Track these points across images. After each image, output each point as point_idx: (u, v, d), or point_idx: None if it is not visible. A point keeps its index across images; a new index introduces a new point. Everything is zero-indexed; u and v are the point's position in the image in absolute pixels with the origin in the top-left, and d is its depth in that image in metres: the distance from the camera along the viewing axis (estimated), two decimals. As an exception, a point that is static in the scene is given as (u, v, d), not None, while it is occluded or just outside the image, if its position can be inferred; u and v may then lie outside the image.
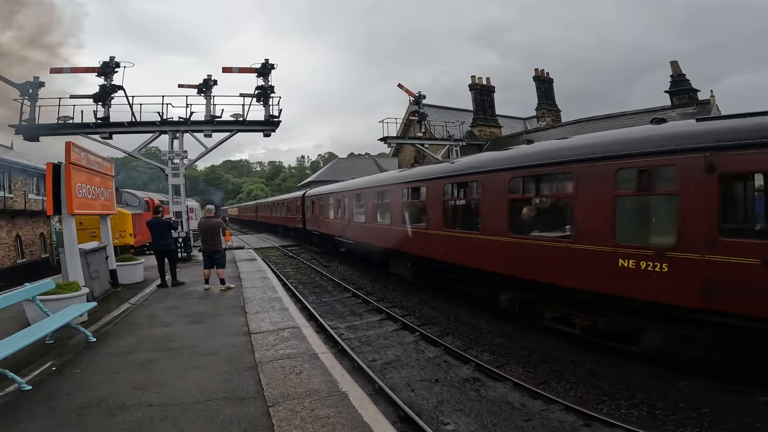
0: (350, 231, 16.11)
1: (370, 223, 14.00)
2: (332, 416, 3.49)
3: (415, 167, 13.93)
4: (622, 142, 6.19)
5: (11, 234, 22.54)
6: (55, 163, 7.71)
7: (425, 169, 11.50)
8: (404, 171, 13.28)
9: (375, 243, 13.62)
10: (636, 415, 5.15)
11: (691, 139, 5.39)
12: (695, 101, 15.85)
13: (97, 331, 6.32)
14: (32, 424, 3.47)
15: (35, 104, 14.69)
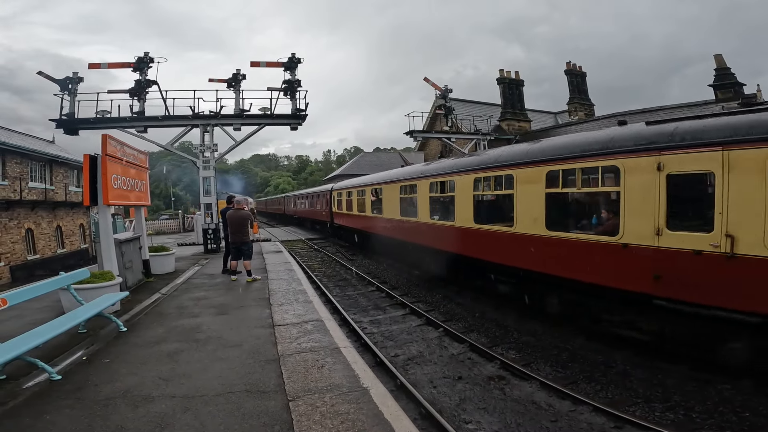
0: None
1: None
2: (352, 412, 3.45)
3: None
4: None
5: (52, 225, 23.63)
6: (92, 154, 7.97)
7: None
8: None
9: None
10: (671, 418, 4.93)
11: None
12: (741, 95, 15.04)
13: (128, 321, 6.50)
14: (58, 414, 3.56)
15: (74, 99, 15.27)
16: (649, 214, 5.89)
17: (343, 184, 22.54)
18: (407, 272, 13.89)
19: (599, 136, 7.13)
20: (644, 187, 6.00)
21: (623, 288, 6.30)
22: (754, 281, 4.94)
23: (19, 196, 20.64)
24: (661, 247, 5.75)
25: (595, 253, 6.68)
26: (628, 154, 6.26)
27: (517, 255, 8.22)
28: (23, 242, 21.00)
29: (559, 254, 7.31)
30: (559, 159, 7.40)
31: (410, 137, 22.60)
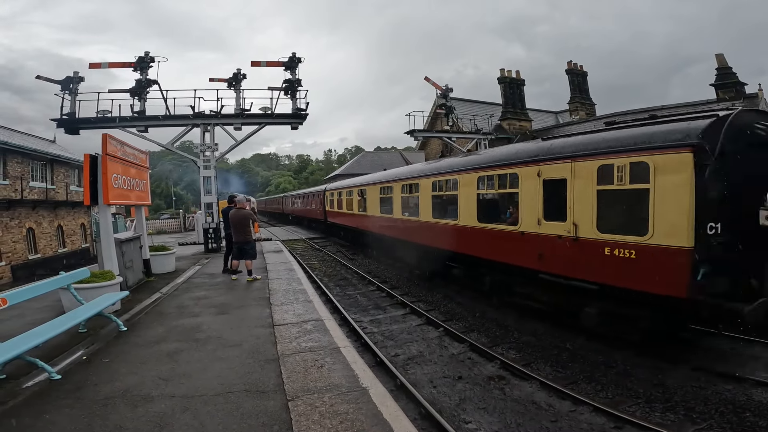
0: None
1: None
2: (351, 412, 3.45)
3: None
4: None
5: (53, 224, 23.67)
6: (93, 154, 7.98)
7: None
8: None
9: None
10: (672, 418, 4.92)
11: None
12: (742, 94, 15.03)
13: (128, 321, 6.51)
14: (58, 414, 3.56)
15: (75, 99, 15.28)
16: (534, 209, 7.73)
17: (334, 185, 24.71)
18: (408, 272, 13.90)
19: (509, 150, 9.33)
20: (531, 189, 7.82)
21: (523, 266, 8.11)
22: (590, 257, 6.67)
23: (20, 196, 20.67)
24: (541, 234, 7.59)
25: (506, 239, 8.53)
26: (523, 165, 8.13)
27: (462, 244, 10.17)
28: (24, 241, 21.03)
29: (486, 241, 9.19)
30: (485, 167, 9.35)
31: (411, 136, 22.59)
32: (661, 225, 5.77)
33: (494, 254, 8.95)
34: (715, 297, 5.47)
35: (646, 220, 5.92)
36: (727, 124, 5.61)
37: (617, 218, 6.42)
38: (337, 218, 22.30)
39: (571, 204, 6.94)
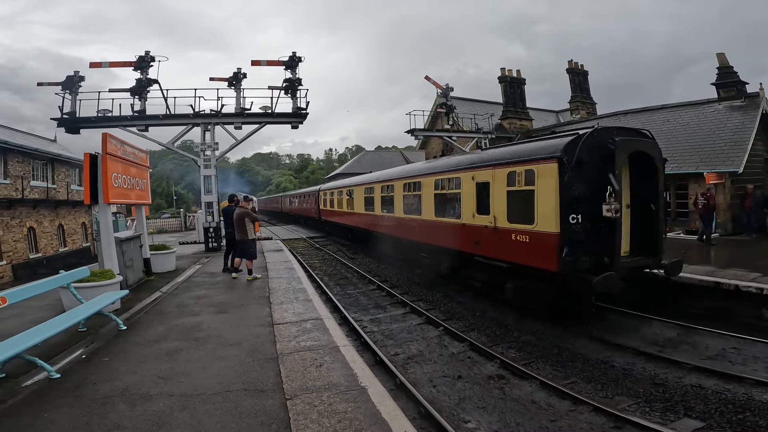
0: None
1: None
2: (350, 411, 3.44)
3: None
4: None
5: (54, 223, 23.68)
6: (92, 153, 7.97)
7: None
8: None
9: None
10: (672, 418, 4.90)
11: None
12: (743, 94, 15.00)
13: (128, 320, 6.51)
14: (56, 412, 3.56)
15: (76, 98, 15.30)
16: (471, 206, 9.68)
17: (327, 185, 27.35)
18: (408, 271, 13.90)
19: (456, 158, 11.65)
20: (469, 190, 9.76)
21: (466, 251, 9.93)
22: (504, 242, 8.56)
23: (21, 195, 20.68)
24: (475, 225, 9.47)
25: (454, 230, 10.38)
26: (464, 170, 10.10)
27: (425, 235, 12.06)
28: (25, 241, 21.04)
29: (442, 232, 11.02)
30: (440, 172, 11.49)
31: (411, 136, 22.56)
32: (541, 216, 7.66)
33: (448, 243, 10.70)
34: (575, 270, 7.24)
35: (533, 213, 7.84)
36: (582, 141, 7.34)
37: (518, 211, 8.34)
38: (329, 216, 24.05)
39: (492, 201, 8.95)
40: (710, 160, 13.83)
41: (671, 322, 7.95)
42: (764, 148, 15.00)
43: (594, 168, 7.28)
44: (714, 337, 7.30)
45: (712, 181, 13.34)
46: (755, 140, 13.77)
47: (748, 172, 13.54)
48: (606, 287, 6.92)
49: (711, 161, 13.78)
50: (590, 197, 7.27)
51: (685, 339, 7.32)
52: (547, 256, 7.50)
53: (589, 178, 7.27)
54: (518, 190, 8.29)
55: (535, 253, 7.77)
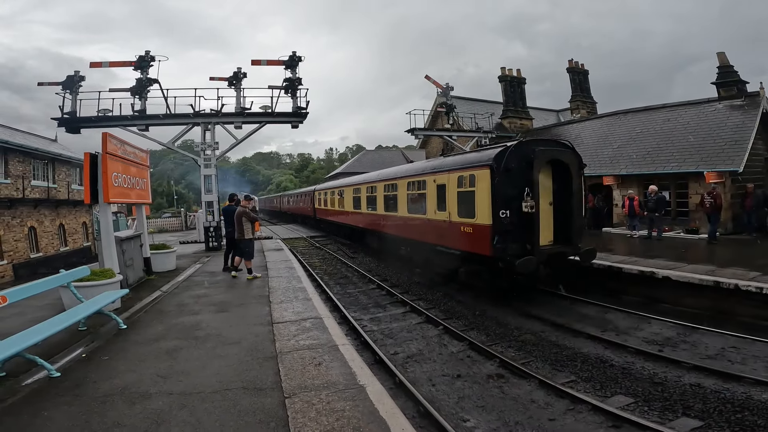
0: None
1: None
2: (348, 410, 3.45)
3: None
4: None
5: (55, 223, 23.72)
6: (93, 153, 7.99)
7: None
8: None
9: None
10: (670, 418, 4.91)
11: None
12: (744, 93, 14.99)
13: (128, 319, 6.52)
14: (56, 411, 3.58)
15: (76, 98, 15.32)
16: (433, 204, 11.41)
17: (321, 186, 29.27)
18: (408, 270, 13.91)
19: (423, 165, 13.26)
20: (431, 191, 11.50)
21: (431, 242, 11.54)
22: (456, 234, 10.25)
23: (21, 195, 20.72)
24: (437, 220, 11.13)
25: (422, 225, 12.09)
26: (428, 174, 11.86)
27: (401, 229, 13.74)
28: (26, 240, 21.08)
29: (413, 227, 12.77)
30: (411, 176, 13.13)
31: (411, 135, 22.56)
32: (479, 211, 9.51)
33: (419, 236, 12.44)
34: (504, 254, 8.95)
35: (474, 209, 9.68)
36: (509, 151, 9.18)
37: (465, 208, 10.08)
38: (324, 215, 25.63)
39: (448, 200, 10.71)
40: (710, 160, 13.81)
41: (665, 319, 8.07)
42: (765, 147, 14.98)
43: (519, 173, 9.15)
44: (714, 336, 7.32)
45: (713, 181, 13.33)
46: (755, 139, 13.75)
47: (749, 171, 13.53)
48: (526, 268, 8.70)
49: (711, 160, 13.77)
50: (515, 196, 9.03)
51: (685, 338, 7.32)
52: (483, 244, 9.35)
53: (515, 181, 9.10)
54: (465, 191, 10.12)
55: (476, 241, 9.63)
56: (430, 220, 11.57)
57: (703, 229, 13.75)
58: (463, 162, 10.46)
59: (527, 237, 9.08)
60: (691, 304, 8.66)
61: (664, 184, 15.46)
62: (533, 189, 9.03)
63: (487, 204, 9.25)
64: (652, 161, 15.62)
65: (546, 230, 9.59)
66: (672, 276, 8.96)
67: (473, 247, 9.73)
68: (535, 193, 9.09)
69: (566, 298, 9.82)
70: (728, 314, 8.07)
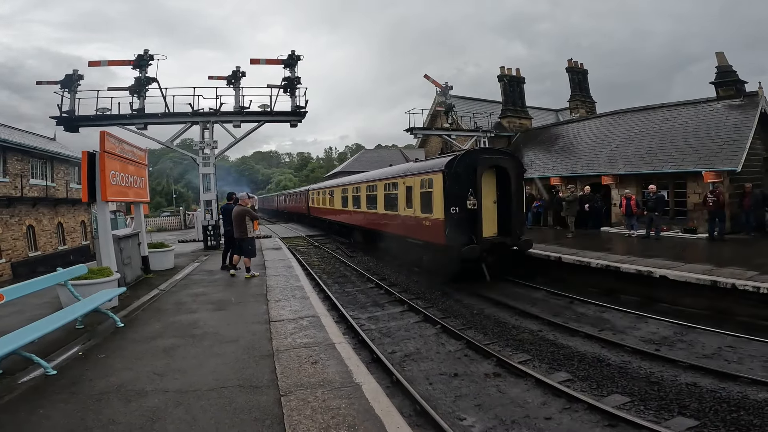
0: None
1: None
2: (343, 407, 3.46)
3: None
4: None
5: (53, 221, 23.69)
6: (90, 151, 7.97)
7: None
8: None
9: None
10: (666, 417, 4.92)
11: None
12: (742, 93, 14.99)
13: (126, 317, 6.52)
14: (52, 408, 3.58)
15: (75, 96, 15.30)
16: (403, 202, 13.30)
17: (315, 186, 32.22)
18: (407, 269, 13.93)
19: (396, 169, 15.07)
20: (402, 191, 13.41)
21: (402, 235, 13.43)
22: (420, 227, 12.17)
23: (20, 193, 20.70)
24: (406, 216, 13.08)
25: (396, 220, 14.07)
26: (400, 177, 13.86)
27: (379, 224, 15.83)
28: (24, 239, 21.06)
29: (389, 222, 14.77)
30: (387, 178, 15.23)
31: (410, 134, 22.56)
32: (435, 208, 11.46)
33: (393, 230, 14.44)
34: (454, 243, 10.69)
35: (432, 206, 11.62)
36: (458, 159, 11.13)
37: (426, 206, 12.00)
38: (317, 213, 27.88)
39: (413, 199, 12.74)
40: (709, 159, 13.82)
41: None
42: (763, 146, 14.99)
43: (465, 177, 11.03)
44: (711, 335, 7.33)
45: (711, 180, 13.34)
46: (754, 139, 13.76)
47: (747, 170, 13.54)
48: (470, 255, 10.53)
49: (710, 160, 13.77)
50: (463, 196, 11.03)
51: (682, 338, 7.34)
52: (438, 235, 11.33)
53: (463, 184, 11.02)
54: (426, 191, 12.07)
55: (433, 233, 11.62)
56: (402, 216, 13.61)
57: (701, 229, 13.77)
58: (424, 167, 12.52)
59: (472, 229, 11.04)
60: (690, 304, 8.68)
61: (663, 183, 15.48)
62: (476, 190, 11.07)
63: (440, 202, 11.20)
64: (651, 161, 15.63)
65: (490, 224, 11.66)
66: (669, 275, 8.98)
67: (432, 237, 11.73)
68: (478, 193, 11.10)
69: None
70: (726, 314, 8.08)
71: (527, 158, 22.36)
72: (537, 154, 21.97)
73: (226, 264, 10.86)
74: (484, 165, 11.32)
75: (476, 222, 11.04)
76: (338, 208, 21.74)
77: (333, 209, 22.94)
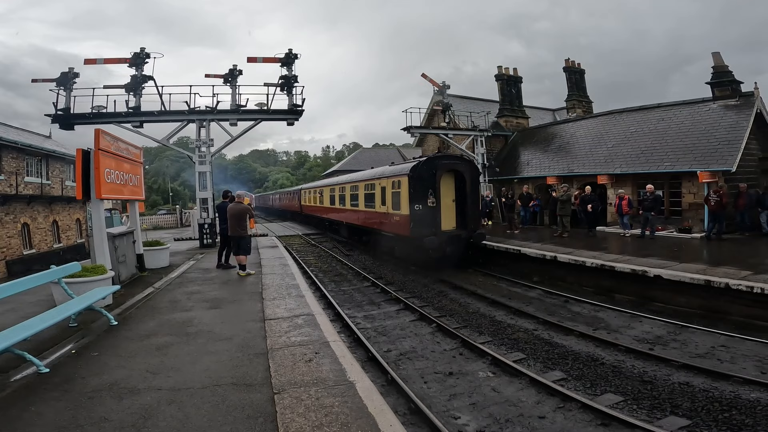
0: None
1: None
2: (337, 405, 3.45)
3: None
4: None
5: (48, 219, 23.57)
6: (85, 149, 7.92)
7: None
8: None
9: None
10: (658, 416, 4.95)
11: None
12: (738, 93, 15.03)
13: (120, 315, 6.49)
14: (44, 406, 3.55)
15: (70, 94, 15.21)
16: (380, 200, 15.20)
17: (306, 186, 35.08)
18: (403, 268, 13.96)
19: (373, 172, 17.39)
20: (378, 191, 15.35)
21: (378, 229, 15.62)
22: (391, 222, 14.45)
23: (15, 191, 20.56)
24: (382, 212, 15.07)
25: (374, 216, 16.03)
26: (376, 179, 15.86)
27: (360, 220, 18.13)
28: (19, 237, 20.93)
29: (368, 218, 16.99)
30: (368, 179, 17.21)
31: (407, 133, 22.54)
32: (402, 206, 13.48)
33: (371, 224, 16.65)
34: (418, 235, 12.71)
35: (400, 204, 13.69)
36: (420, 164, 13.39)
37: (396, 204, 14.11)
38: (308, 210, 30.14)
39: (386, 198, 14.90)
40: (704, 159, 13.86)
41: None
42: (758, 147, 15.04)
43: (427, 179, 13.32)
44: (704, 334, 7.37)
45: (706, 180, 13.40)
46: (749, 139, 13.80)
47: (742, 170, 13.58)
48: (431, 245, 12.60)
49: (705, 160, 13.82)
50: (425, 196, 13.24)
51: (675, 337, 7.38)
52: (405, 228, 13.55)
53: (425, 185, 13.29)
54: (395, 191, 14.28)
55: (401, 226, 13.82)
56: (378, 213, 15.81)
57: (696, 229, 13.82)
58: (395, 171, 14.70)
59: (433, 223, 13.15)
60: (684, 303, 8.72)
61: (658, 183, 15.53)
62: (436, 190, 13.35)
63: (406, 200, 13.35)
64: (647, 160, 15.67)
65: (449, 219, 13.79)
66: (663, 275, 9.01)
67: (400, 230, 13.90)
68: (437, 193, 13.37)
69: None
70: (720, 313, 8.13)
71: (524, 157, 22.39)
72: (534, 153, 22.00)
73: (221, 262, 10.81)
74: (443, 169, 13.61)
75: (436, 217, 13.22)
76: (327, 206, 23.72)
77: (323, 207, 24.86)
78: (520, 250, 12.78)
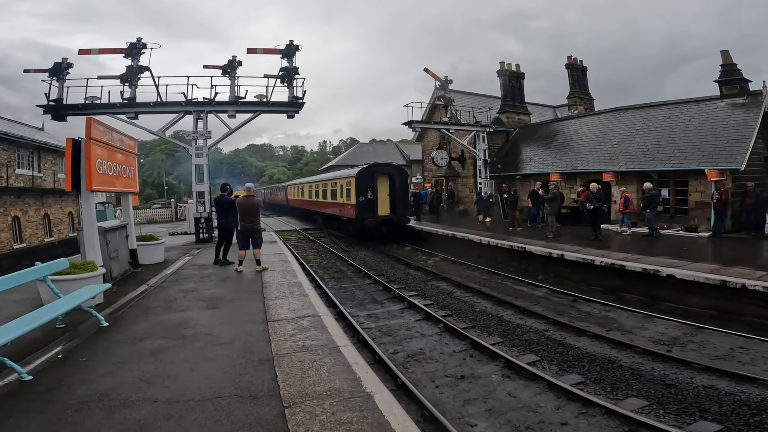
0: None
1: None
2: (356, 422, 3.08)
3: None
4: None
5: (39, 213, 23.02)
6: (75, 138, 7.48)
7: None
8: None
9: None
10: (688, 421, 4.66)
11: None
12: (746, 92, 14.79)
13: (111, 315, 6.10)
14: (25, 418, 3.18)
15: (63, 85, 14.71)
16: (339, 194, 21.08)
17: (292, 182, 41.48)
18: (404, 264, 13.64)
19: (336, 174, 24.14)
20: (338, 188, 21.34)
21: (338, 215, 21.35)
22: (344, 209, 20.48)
23: (5, 183, 20.03)
24: (340, 203, 21.10)
25: (336, 206, 21.65)
26: (337, 180, 21.80)
27: (327, 208, 23.84)
28: (9, 230, 20.41)
29: (330, 207, 23.00)
30: (331, 179, 23.40)
31: (409, 127, 22.19)
32: (351, 198, 19.21)
33: (335, 212, 21.77)
34: (361, 218, 18.52)
35: (351, 197, 19.21)
36: (363, 169, 19.38)
37: (348, 196, 19.62)
38: (293, 203, 34.71)
39: (343, 193, 20.43)
40: (712, 157, 13.61)
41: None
42: (765, 146, 14.83)
43: (368, 180, 18.89)
44: (720, 336, 7.12)
45: (714, 179, 13.16)
46: (756, 138, 13.57)
47: (749, 169, 13.35)
48: (369, 225, 18.14)
49: (713, 158, 13.57)
50: (366, 191, 18.68)
51: (692, 338, 7.11)
52: (353, 213, 18.85)
53: (366, 184, 18.79)
54: (348, 188, 19.57)
55: (351, 212, 19.13)
56: (338, 203, 21.13)
57: (702, 227, 13.59)
58: (348, 174, 20.16)
59: (372, 210, 18.69)
60: (696, 303, 8.49)
61: (664, 181, 15.28)
62: (373, 187, 18.89)
63: (354, 194, 18.84)
64: (653, 158, 15.41)
65: (384, 207, 19.17)
66: (677, 275, 8.76)
67: (350, 215, 19.22)
68: (375, 189, 18.91)
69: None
70: (733, 313, 7.92)
71: (526, 154, 22.11)
72: (536, 150, 21.71)
73: (219, 258, 10.43)
74: (379, 173, 19.41)
75: (373, 206, 18.77)
76: (308, 200, 28.95)
77: (305, 200, 29.90)
78: (525, 248, 12.53)
